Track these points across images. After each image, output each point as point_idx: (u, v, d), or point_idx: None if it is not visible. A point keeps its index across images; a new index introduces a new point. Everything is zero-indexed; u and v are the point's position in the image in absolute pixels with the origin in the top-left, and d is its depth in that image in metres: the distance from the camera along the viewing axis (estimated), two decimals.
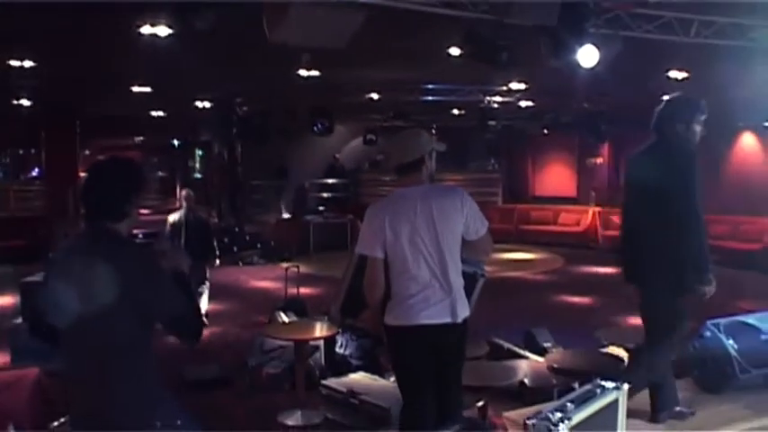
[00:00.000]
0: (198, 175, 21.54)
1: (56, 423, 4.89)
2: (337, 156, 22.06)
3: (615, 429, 2.96)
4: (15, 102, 15.08)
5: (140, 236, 12.84)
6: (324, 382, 5.82)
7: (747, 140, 17.78)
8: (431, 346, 4.29)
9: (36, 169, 20.87)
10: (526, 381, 6.33)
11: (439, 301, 4.27)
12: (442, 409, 4.35)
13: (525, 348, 7.87)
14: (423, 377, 4.34)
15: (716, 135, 17.08)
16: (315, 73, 11.25)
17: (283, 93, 14.35)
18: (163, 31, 7.96)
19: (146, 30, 7.98)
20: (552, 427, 2.46)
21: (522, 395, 6.24)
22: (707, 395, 5.35)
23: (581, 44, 7.23)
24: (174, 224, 10.22)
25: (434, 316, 4.26)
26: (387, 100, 15.75)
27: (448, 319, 4.26)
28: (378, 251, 4.32)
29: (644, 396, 5.33)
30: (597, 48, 7.32)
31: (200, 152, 22.41)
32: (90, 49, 9.68)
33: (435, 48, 9.24)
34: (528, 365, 6.81)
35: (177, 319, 3.29)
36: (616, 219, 19.28)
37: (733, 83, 10.94)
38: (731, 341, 5.38)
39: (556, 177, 22.46)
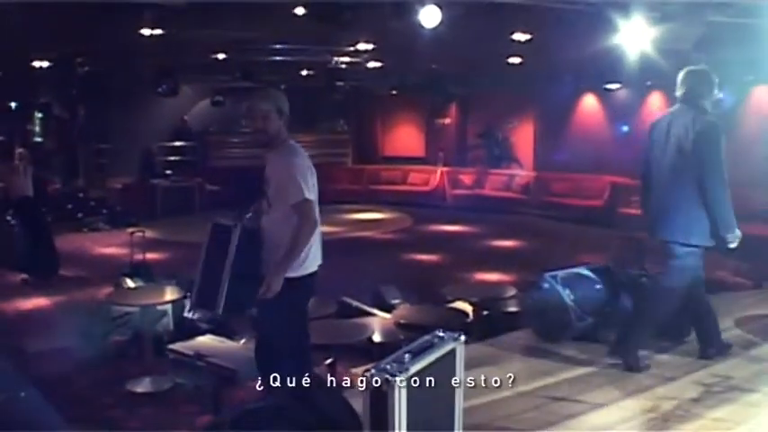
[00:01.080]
0: (38, 139, 20.61)
1: None
2: (185, 118, 21.60)
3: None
4: None
5: None
6: (171, 346, 5.73)
7: (589, 101, 18.40)
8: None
9: None
10: (374, 337, 6.41)
11: None
12: None
13: (374, 306, 7.95)
14: None
15: (560, 97, 17.75)
16: (158, 32, 10.93)
17: (126, 52, 13.90)
18: None
19: None
20: (390, 378, 2.50)
21: (371, 352, 6.32)
22: (546, 344, 5.55)
23: (423, 4, 7.29)
24: None
25: None
26: (234, 60, 15.48)
27: None
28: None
29: (490, 346, 5.51)
30: (439, 8, 7.39)
31: (39, 115, 21.46)
32: None
33: (280, 7, 9.13)
34: (376, 322, 6.90)
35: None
36: (464, 178, 19.76)
37: (575, 46, 11.28)
38: (568, 291, 5.59)
39: (405, 138, 22.67)
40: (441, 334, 2.93)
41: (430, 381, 2.78)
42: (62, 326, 8.51)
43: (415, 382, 2.61)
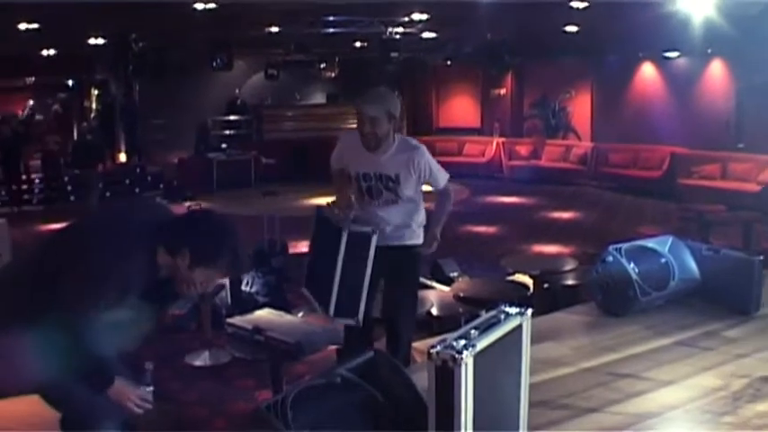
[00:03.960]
0: (92, 115, 20.85)
1: None
2: (238, 91, 21.67)
3: (520, 354, 2.94)
4: None
5: None
6: (229, 320, 5.72)
7: (648, 70, 18.05)
8: None
9: None
10: (433, 310, 6.34)
11: None
12: None
13: (432, 279, 7.88)
14: None
15: (618, 65, 17.44)
16: (211, 6, 10.92)
17: (180, 27, 13.93)
18: None
19: None
20: (456, 355, 2.41)
21: (430, 325, 6.25)
22: (610, 318, 5.42)
23: None
24: None
25: None
26: (287, 33, 15.45)
27: None
28: None
29: (554, 320, 5.39)
30: None
31: (96, 92, 21.67)
32: None
33: None
34: (435, 295, 6.82)
35: None
36: (520, 149, 19.54)
37: (634, 13, 11.01)
38: (632, 265, 5.44)
39: (460, 109, 22.49)
40: (507, 309, 2.82)
41: (496, 357, 2.69)
42: None
43: (481, 358, 2.51)
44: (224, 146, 19.43)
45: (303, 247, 10.09)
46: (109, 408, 3.19)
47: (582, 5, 11.49)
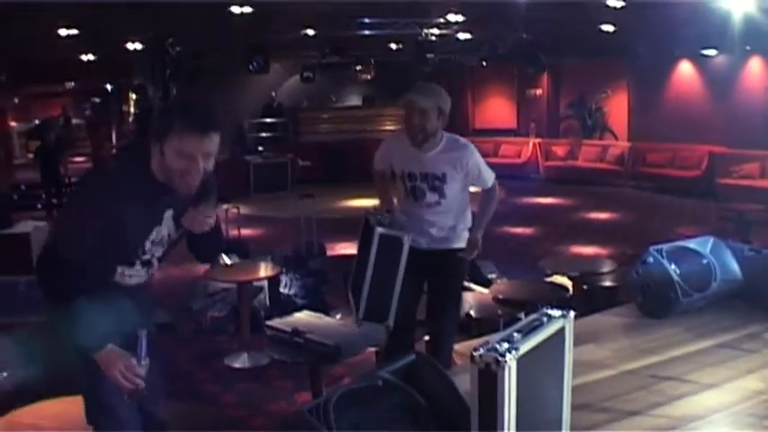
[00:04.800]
0: (130, 119, 21.13)
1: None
2: (273, 94, 21.77)
3: (563, 357, 2.94)
4: None
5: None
6: (268, 322, 5.74)
7: (685, 69, 17.89)
8: None
9: None
10: (472, 312, 6.32)
11: None
12: None
13: (470, 280, 7.86)
14: None
15: (655, 63, 17.29)
16: (247, 9, 10.98)
17: (216, 31, 14.02)
18: None
19: None
20: (500, 358, 2.41)
21: (469, 327, 6.24)
22: (650, 320, 5.38)
23: None
24: None
25: None
26: (322, 36, 15.49)
27: None
28: None
29: (594, 322, 5.36)
30: None
31: (134, 96, 21.91)
32: None
33: None
34: (473, 297, 6.80)
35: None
36: (556, 150, 19.44)
37: (671, 9, 10.91)
38: (673, 266, 5.40)
39: (496, 109, 22.43)
40: (549, 312, 2.82)
41: (539, 359, 2.68)
42: (160, 302, 8.64)
43: (524, 360, 2.51)
44: (260, 148, 19.52)
45: (341, 249, 10.15)
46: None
47: (619, 4, 11.40)
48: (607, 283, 7.43)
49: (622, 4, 11.14)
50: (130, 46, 15.80)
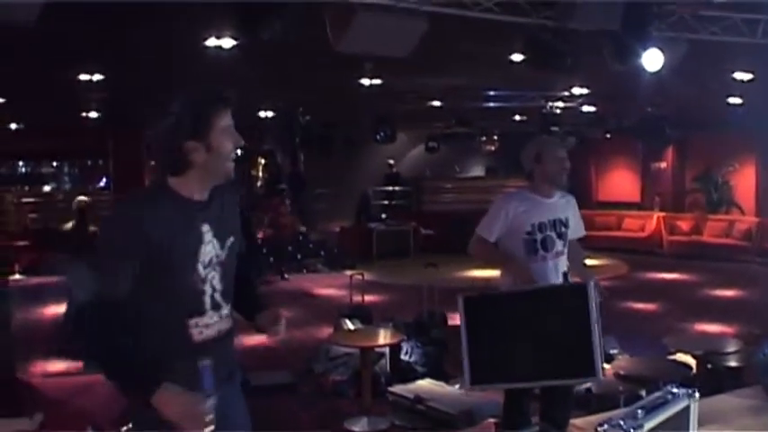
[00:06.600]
0: (259, 184, 21.77)
1: (124, 428, 4.98)
2: (391, 162, 22.09)
3: None
4: (84, 114, 15.44)
5: None
6: (390, 388, 5.85)
7: None
8: None
9: (104, 179, 21.22)
10: (592, 388, 6.29)
11: None
12: None
13: None
14: None
15: None
16: (377, 81, 11.30)
17: (345, 101, 14.44)
18: (227, 42, 8.11)
19: (211, 42, 8.14)
20: None
21: (589, 402, 6.20)
22: None
23: (645, 48, 7.15)
24: None
25: None
26: (449, 107, 15.74)
27: None
28: None
29: (719, 403, 5.28)
30: (662, 51, 7.23)
31: (263, 161, 22.61)
32: (156, 61, 9.86)
33: (497, 54, 9.24)
34: None
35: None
36: (681, 224, 19.08)
37: None
38: None
39: (619, 182, 22.24)
40: (674, 390, 2.84)
41: None
42: (283, 362, 8.85)
43: None
44: (384, 216, 19.80)
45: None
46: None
47: (746, 77, 11.29)
48: (732, 363, 7.25)
49: (750, 77, 11.02)
50: (262, 114, 16.39)
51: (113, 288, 2.67)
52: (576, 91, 13.67)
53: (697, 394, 2.94)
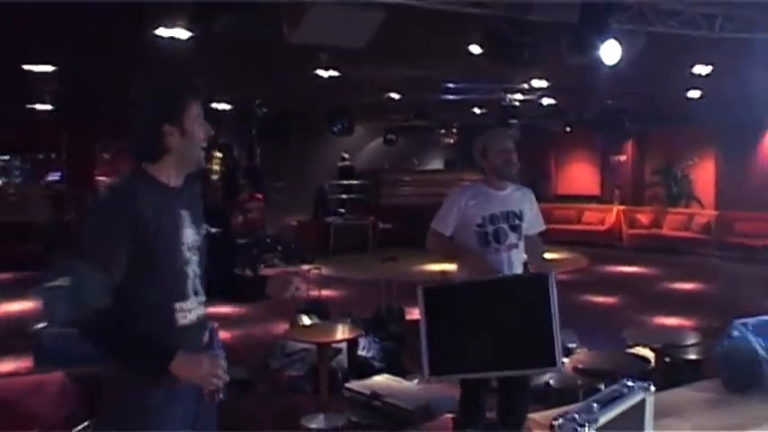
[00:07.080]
0: (215, 177, 21.52)
1: (79, 428, 4.86)
2: (345, 155, 21.93)
3: (642, 430, 2.89)
4: (36, 107, 15.17)
5: None
6: (347, 384, 5.77)
7: None
8: None
9: (57, 173, 20.85)
10: (551, 382, 6.24)
11: None
12: None
13: None
14: None
15: (744, 130, 17.02)
16: (334, 73, 11.19)
17: (302, 93, 14.31)
18: (181, 33, 7.96)
19: (164, 32, 7.98)
20: (578, 428, 2.39)
21: (547, 396, 6.15)
22: (735, 396, 5.24)
23: (603, 41, 7.11)
24: None
25: None
26: (407, 99, 15.68)
27: None
28: None
29: (677, 396, 5.24)
30: (620, 44, 7.20)
31: (219, 154, 22.41)
32: (108, 51, 9.69)
33: (455, 46, 9.17)
34: None
35: None
36: (640, 217, 19.19)
37: (758, 75, 10.79)
38: (760, 340, 5.27)
39: (579, 175, 22.35)
40: (629, 383, 2.78)
41: None
42: (240, 359, 8.73)
43: None
44: (341, 210, 19.70)
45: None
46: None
47: (705, 71, 11.33)
48: (691, 356, 7.24)
49: (709, 70, 11.06)
50: (218, 106, 16.21)
51: (110, 275, 2.76)
52: (536, 83, 13.66)
53: (653, 387, 2.88)
